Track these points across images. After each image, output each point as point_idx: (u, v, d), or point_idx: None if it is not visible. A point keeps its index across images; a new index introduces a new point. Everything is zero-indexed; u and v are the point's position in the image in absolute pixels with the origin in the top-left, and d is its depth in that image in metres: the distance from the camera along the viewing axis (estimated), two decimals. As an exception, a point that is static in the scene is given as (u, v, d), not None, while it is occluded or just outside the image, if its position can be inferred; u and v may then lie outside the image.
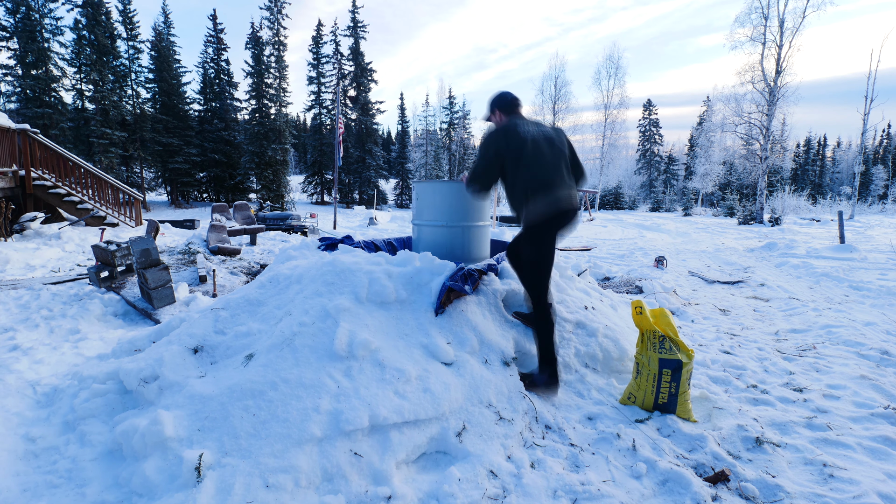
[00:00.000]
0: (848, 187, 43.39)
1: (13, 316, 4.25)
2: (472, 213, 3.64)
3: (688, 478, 2.03)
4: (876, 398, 2.87)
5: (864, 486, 2.01)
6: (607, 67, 34.07)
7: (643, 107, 50.67)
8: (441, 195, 3.60)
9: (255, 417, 2.02)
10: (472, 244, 3.69)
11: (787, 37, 20.71)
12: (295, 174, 46.27)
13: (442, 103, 42.58)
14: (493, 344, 2.72)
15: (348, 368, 2.26)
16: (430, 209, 3.65)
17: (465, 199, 3.57)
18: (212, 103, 28.72)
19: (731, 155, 28.35)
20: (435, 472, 2.07)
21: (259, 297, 2.98)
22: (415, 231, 3.84)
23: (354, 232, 14.43)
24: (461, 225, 3.60)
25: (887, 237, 12.67)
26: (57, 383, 2.82)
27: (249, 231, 8.80)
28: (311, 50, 33.42)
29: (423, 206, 3.69)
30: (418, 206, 3.74)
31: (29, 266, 6.59)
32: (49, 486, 1.97)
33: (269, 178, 27.13)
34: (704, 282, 6.61)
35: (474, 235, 3.69)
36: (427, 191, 3.68)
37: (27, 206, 9.71)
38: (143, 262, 4.55)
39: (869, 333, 4.09)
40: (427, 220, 3.67)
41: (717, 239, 13.61)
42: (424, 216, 3.69)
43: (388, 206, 37.07)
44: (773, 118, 21.61)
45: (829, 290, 6.13)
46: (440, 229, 3.62)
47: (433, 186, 3.68)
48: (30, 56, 20.43)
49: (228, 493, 1.74)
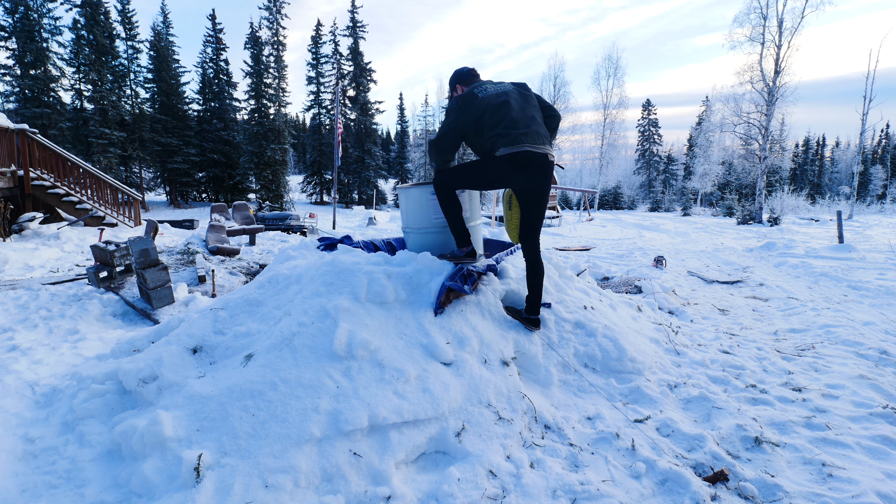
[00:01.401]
0: (847, 187, 43.48)
1: (12, 316, 4.24)
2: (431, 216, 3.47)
3: (687, 477, 2.03)
4: (875, 398, 2.88)
5: (862, 485, 2.01)
6: (606, 67, 34.06)
7: (642, 107, 50.74)
8: (422, 200, 3.41)
9: (254, 418, 2.02)
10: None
11: (786, 37, 20.72)
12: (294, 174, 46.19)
13: (441, 103, 42.58)
14: (493, 344, 2.72)
15: (347, 368, 2.26)
16: (414, 214, 3.49)
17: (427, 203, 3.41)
18: (211, 103, 28.70)
19: (729, 155, 28.39)
20: (434, 472, 2.07)
21: (258, 298, 2.98)
22: (405, 237, 3.71)
23: (354, 232, 14.43)
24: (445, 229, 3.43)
25: (886, 237, 12.69)
26: (56, 384, 2.82)
27: (248, 231, 8.79)
28: (310, 50, 33.41)
29: (408, 212, 3.54)
30: (404, 211, 3.60)
31: (28, 266, 6.58)
32: (48, 486, 1.96)
33: (268, 178, 27.12)
34: (703, 281, 6.61)
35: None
36: (409, 196, 3.51)
37: (26, 207, 9.69)
38: (142, 262, 4.55)
39: (868, 333, 4.10)
40: (413, 225, 3.52)
41: (716, 239, 13.62)
42: (410, 222, 3.54)
43: (387, 206, 37.06)
44: (772, 118, 21.62)
45: (827, 289, 6.14)
46: (427, 234, 3.47)
47: (413, 192, 3.48)
48: (28, 56, 20.41)
49: (228, 494, 1.74)
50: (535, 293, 2.98)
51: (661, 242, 12.11)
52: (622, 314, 3.81)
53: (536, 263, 2.94)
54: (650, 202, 46.01)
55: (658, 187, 48.49)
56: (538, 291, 2.98)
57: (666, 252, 9.46)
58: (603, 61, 33.22)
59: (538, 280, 2.95)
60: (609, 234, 14.65)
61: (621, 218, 23.39)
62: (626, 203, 45.33)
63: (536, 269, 2.94)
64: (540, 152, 2.71)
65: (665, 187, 48.33)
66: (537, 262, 2.94)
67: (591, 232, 15.43)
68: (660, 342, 3.60)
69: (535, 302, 2.99)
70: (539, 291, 2.98)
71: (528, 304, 3.01)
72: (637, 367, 3.03)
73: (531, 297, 2.99)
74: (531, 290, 2.99)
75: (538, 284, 2.96)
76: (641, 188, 50.47)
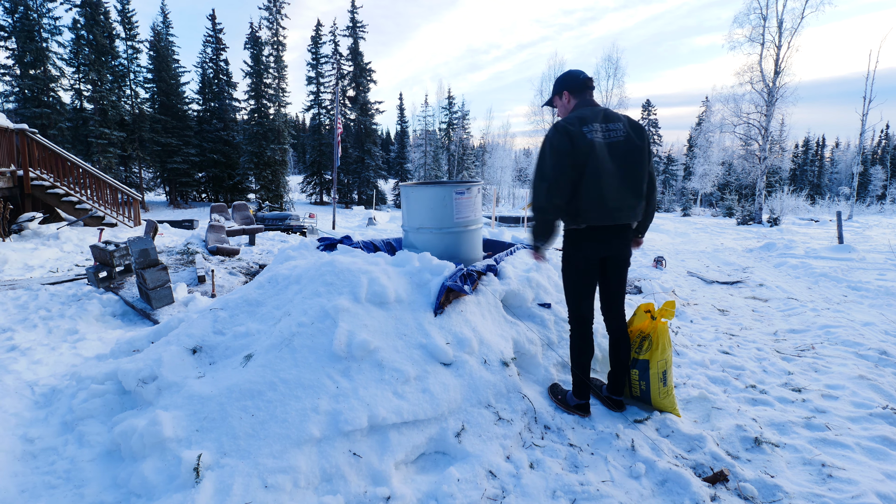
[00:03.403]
0: (846, 187, 43.49)
1: (11, 316, 4.23)
2: (463, 217, 3.49)
3: (687, 478, 2.03)
4: (874, 398, 2.88)
5: (862, 485, 2.01)
6: (606, 68, 34.02)
7: (642, 107, 50.72)
8: (428, 199, 3.38)
9: (253, 418, 2.02)
10: (463, 248, 3.56)
11: (786, 37, 20.73)
12: (294, 174, 46.24)
13: (441, 103, 42.59)
14: (492, 344, 2.72)
15: (347, 369, 2.26)
16: (417, 214, 3.47)
17: (455, 203, 3.39)
18: (211, 103, 28.68)
19: (729, 155, 28.38)
20: (434, 473, 2.07)
21: (258, 298, 2.98)
22: (405, 236, 3.70)
23: (353, 232, 14.42)
24: (452, 231, 3.46)
25: (886, 237, 12.69)
26: (55, 384, 2.82)
27: (248, 231, 8.79)
28: (309, 50, 33.39)
29: (411, 211, 3.50)
30: (406, 209, 3.56)
31: (27, 266, 6.58)
32: (47, 486, 1.96)
33: (267, 178, 27.10)
34: (703, 282, 6.61)
35: (465, 240, 3.55)
36: (414, 195, 3.47)
37: (25, 207, 9.69)
38: (142, 262, 4.54)
39: (867, 333, 4.10)
40: (415, 225, 3.50)
41: (715, 239, 13.62)
42: (412, 221, 3.51)
43: (387, 206, 37.04)
44: (772, 118, 21.63)
45: (827, 290, 6.14)
46: (430, 234, 3.46)
47: (420, 191, 3.45)
48: (28, 56, 20.38)
49: (227, 494, 1.74)
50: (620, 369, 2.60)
51: (660, 243, 12.10)
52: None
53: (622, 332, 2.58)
54: (650, 202, 45.92)
55: (658, 187, 48.49)
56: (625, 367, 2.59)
57: (666, 252, 9.45)
58: (603, 62, 33.13)
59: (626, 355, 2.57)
60: (609, 235, 14.61)
61: (621, 218, 23.34)
62: (625, 203, 45.24)
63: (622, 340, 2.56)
64: (628, 226, 2.44)
65: (665, 188, 48.34)
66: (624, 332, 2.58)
67: (591, 232, 15.40)
68: (659, 342, 3.60)
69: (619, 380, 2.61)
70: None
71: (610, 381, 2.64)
72: (637, 368, 3.02)
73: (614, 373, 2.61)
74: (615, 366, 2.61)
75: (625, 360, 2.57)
76: (641, 188, 50.40)
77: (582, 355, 2.52)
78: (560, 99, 2.52)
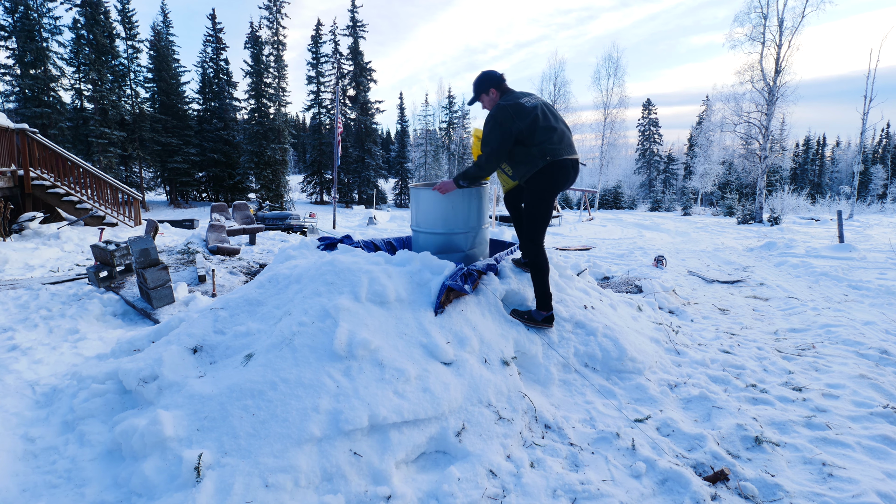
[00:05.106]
0: (847, 186, 43.40)
1: (12, 316, 4.24)
2: (473, 219, 3.50)
3: (687, 477, 2.03)
4: (875, 397, 2.87)
5: (863, 485, 2.01)
6: (606, 67, 33.99)
7: (643, 106, 50.71)
8: (440, 202, 3.38)
9: (254, 417, 2.02)
10: (476, 248, 3.61)
11: (787, 36, 20.67)
12: (294, 174, 46.21)
13: (441, 103, 42.60)
14: (493, 343, 2.72)
15: (348, 368, 2.26)
16: (428, 216, 3.47)
17: (466, 205, 3.41)
18: (211, 103, 28.69)
19: (730, 154, 28.34)
20: (434, 472, 2.07)
21: (258, 297, 2.98)
22: (414, 237, 3.71)
23: (354, 231, 14.42)
24: (462, 233, 3.46)
25: (886, 236, 12.68)
26: (56, 383, 2.82)
27: (248, 231, 8.79)
28: (310, 49, 33.38)
29: (421, 213, 3.51)
30: (416, 211, 3.57)
31: (28, 266, 6.58)
32: (48, 486, 1.96)
33: (268, 177, 27.11)
34: (704, 281, 6.61)
35: (476, 241, 3.59)
36: (424, 197, 3.47)
37: (26, 206, 9.69)
38: (143, 261, 4.55)
39: (868, 333, 4.09)
40: (426, 227, 3.50)
41: (716, 238, 13.61)
42: (422, 223, 3.52)
43: (387, 205, 37.04)
44: (773, 117, 21.58)
45: (828, 289, 6.14)
46: (440, 237, 3.46)
47: (432, 195, 3.42)
48: (28, 55, 20.40)
49: (228, 493, 1.74)
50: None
51: (661, 242, 12.10)
52: (622, 314, 3.81)
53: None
54: (650, 202, 45.94)
55: (658, 187, 48.46)
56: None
57: (666, 251, 9.45)
58: (603, 61, 33.24)
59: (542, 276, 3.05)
60: (609, 234, 14.64)
61: (621, 217, 23.39)
62: (626, 203, 45.29)
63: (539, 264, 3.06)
64: (576, 158, 3.05)
65: (665, 187, 48.31)
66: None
67: (592, 231, 15.43)
68: (660, 342, 3.60)
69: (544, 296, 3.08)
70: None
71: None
72: (637, 367, 3.03)
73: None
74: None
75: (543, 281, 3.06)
76: (642, 188, 50.44)
77: (547, 274, 3.05)
78: (487, 95, 3.09)
